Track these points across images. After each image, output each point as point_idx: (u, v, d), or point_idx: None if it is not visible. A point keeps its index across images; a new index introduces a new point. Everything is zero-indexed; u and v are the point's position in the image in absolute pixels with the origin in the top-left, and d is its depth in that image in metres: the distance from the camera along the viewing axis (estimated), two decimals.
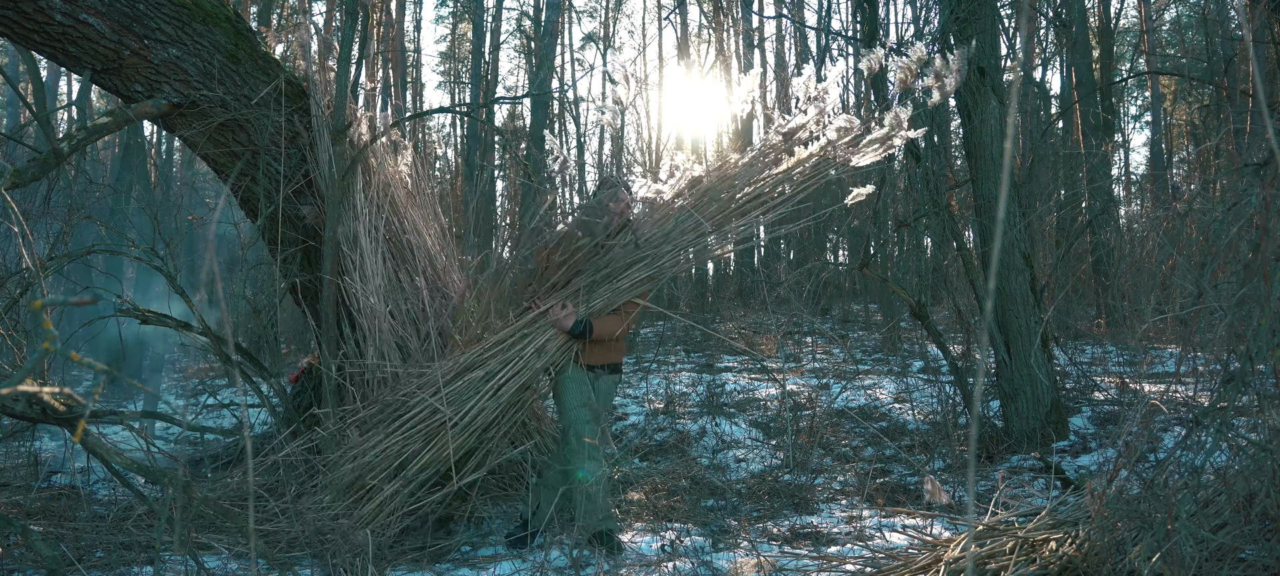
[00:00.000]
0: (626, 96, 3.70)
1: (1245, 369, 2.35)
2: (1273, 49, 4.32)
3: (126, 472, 2.62)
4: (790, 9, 14.88)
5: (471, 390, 3.43)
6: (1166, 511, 2.04)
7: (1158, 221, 8.56)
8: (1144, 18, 15.79)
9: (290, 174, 4.06)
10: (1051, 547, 2.36)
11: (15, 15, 3.45)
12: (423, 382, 3.50)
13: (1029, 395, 4.70)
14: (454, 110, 15.16)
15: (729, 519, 3.73)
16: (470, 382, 3.44)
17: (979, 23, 4.76)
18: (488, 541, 3.58)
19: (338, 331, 3.94)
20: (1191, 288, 2.78)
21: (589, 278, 3.49)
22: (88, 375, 7.92)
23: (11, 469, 4.23)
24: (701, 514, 3.83)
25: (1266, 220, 2.40)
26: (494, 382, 3.45)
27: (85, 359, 1.24)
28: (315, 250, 4.15)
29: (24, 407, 2.23)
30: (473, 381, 3.45)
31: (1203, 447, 2.42)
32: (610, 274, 3.51)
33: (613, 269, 3.51)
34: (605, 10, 17.92)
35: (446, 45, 20.33)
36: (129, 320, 4.10)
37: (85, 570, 2.82)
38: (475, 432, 3.43)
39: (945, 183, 6.61)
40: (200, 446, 4.92)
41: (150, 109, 3.77)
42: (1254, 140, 3.58)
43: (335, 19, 13.37)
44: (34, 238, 3.24)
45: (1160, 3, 15.97)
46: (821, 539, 3.43)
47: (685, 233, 3.55)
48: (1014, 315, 4.73)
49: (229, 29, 3.96)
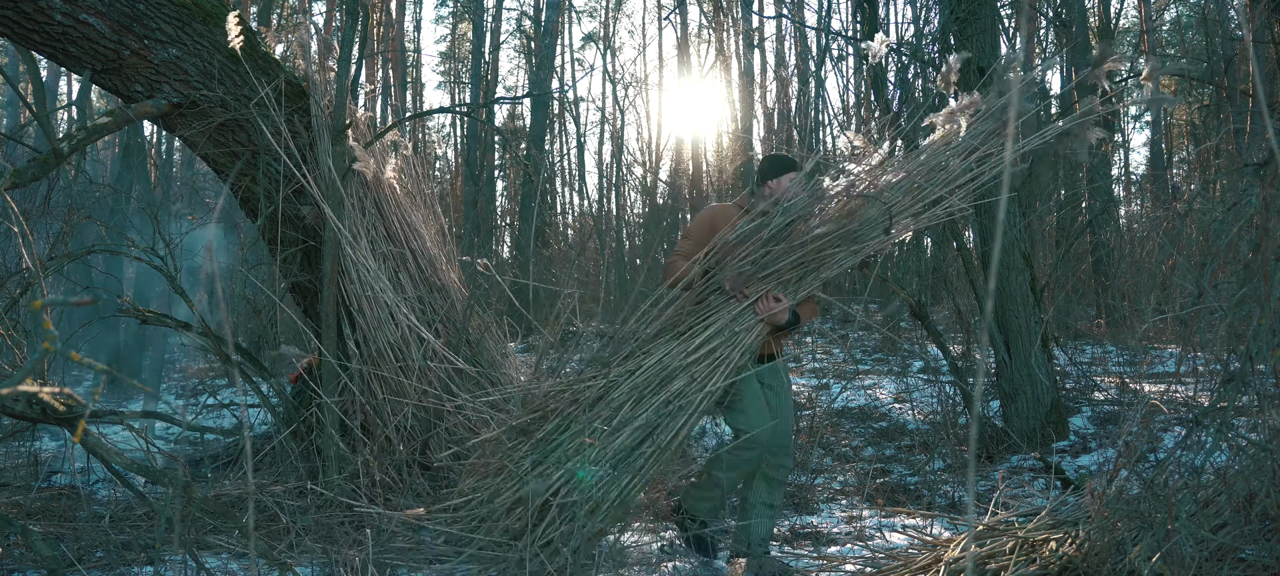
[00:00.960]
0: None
1: (1245, 369, 2.35)
2: (1273, 49, 4.32)
3: (126, 472, 2.62)
4: (790, 9, 14.87)
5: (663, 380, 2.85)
6: (1166, 511, 2.04)
7: (1158, 221, 8.56)
8: (1144, 18, 15.78)
9: (290, 174, 4.06)
10: (1051, 547, 2.36)
11: (15, 15, 3.45)
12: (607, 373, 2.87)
13: (1029, 395, 4.70)
14: (454, 110, 15.16)
15: (730, 519, 3.73)
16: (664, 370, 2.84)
17: (979, 23, 4.76)
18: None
19: (338, 331, 3.94)
20: (1191, 288, 2.78)
21: (796, 265, 2.94)
22: (88, 375, 7.92)
23: (11, 469, 4.23)
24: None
25: (1266, 220, 2.40)
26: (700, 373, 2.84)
27: (85, 359, 1.24)
28: (315, 250, 4.15)
29: (24, 407, 2.23)
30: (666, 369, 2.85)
31: (1203, 447, 2.42)
32: (813, 262, 2.98)
33: (816, 256, 2.98)
34: (605, 10, 17.92)
35: (446, 45, 20.33)
36: (128, 319, 4.10)
37: (85, 570, 2.82)
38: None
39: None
40: (200, 446, 4.92)
41: (150, 109, 3.77)
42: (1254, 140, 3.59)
43: (335, 19, 13.37)
44: (34, 238, 3.24)
45: (1160, 3, 15.96)
46: (821, 539, 3.43)
47: (876, 218, 3.00)
48: (1014, 315, 4.73)
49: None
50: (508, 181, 16.31)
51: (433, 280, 4.26)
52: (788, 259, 2.90)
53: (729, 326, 2.88)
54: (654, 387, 2.81)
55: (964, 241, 5.38)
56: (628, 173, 17.17)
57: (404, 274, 4.16)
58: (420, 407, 3.86)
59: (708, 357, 2.84)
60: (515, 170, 14.87)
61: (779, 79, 15.35)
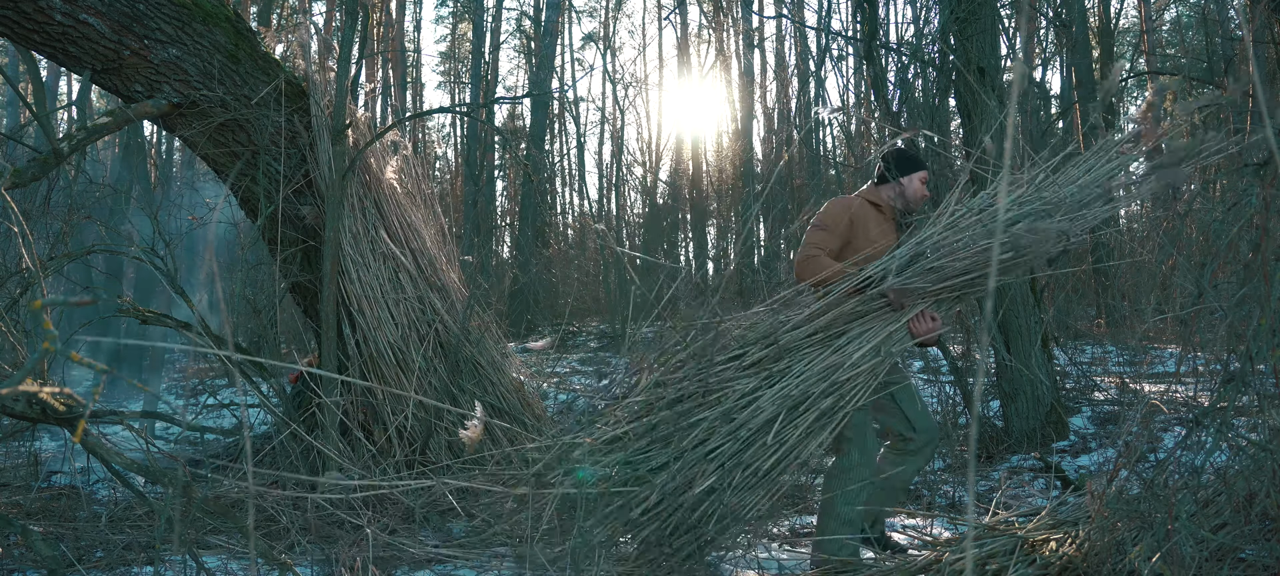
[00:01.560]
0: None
1: (1245, 369, 2.35)
2: (1273, 49, 4.32)
3: (126, 472, 2.62)
4: (790, 9, 14.87)
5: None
6: (1166, 511, 2.04)
7: (1158, 221, 8.55)
8: (1144, 18, 15.78)
9: (290, 174, 4.06)
10: (1051, 547, 2.36)
11: (15, 15, 3.45)
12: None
13: (1029, 395, 4.70)
14: (454, 111, 15.16)
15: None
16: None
17: (979, 23, 4.76)
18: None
19: (338, 331, 3.94)
20: (1191, 288, 2.78)
21: (964, 282, 2.61)
22: (88, 375, 7.92)
23: (11, 469, 4.23)
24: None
25: (1266, 220, 2.40)
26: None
27: (85, 359, 1.24)
28: (315, 250, 4.15)
29: (24, 407, 2.23)
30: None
31: (1203, 448, 2.42)
32: (979, 278, 2.61)
33: (983, 272, 2.60)
34: (605, 10, 17.92)
35: (446, 45, 20.33)
36: (125, 319, 4.10)
37: (85, 570, 2.82)
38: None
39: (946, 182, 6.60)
40: (200, 446, 4.92)
41: (150, 109, 3.77)
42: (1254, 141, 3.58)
43: (335, 19, 13.37)
44: (34, 238, 3.24)
45: (1160, 3, 15.96)
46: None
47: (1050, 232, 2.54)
48: (1014, 315, 4.73)
49: (229, 29, 3.95)
50: (508, 181, 16.30)
51: (433, 280, 4.26)
52: (958, 276, 2.55)
53: (884, 343, 2.57)
54: (793, 401, 2.49)
55: None
56: (628, 173, 17.18)
57: (404, 274, 4.16)
58: (420, 408, 3.86)
59: (861, 374, 2.54)
60: (515, 170, 14.86)
61: (779, 79, 15.35)
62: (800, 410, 2.47)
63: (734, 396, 2.51)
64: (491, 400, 4.15)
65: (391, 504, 3.48)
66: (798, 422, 2.47)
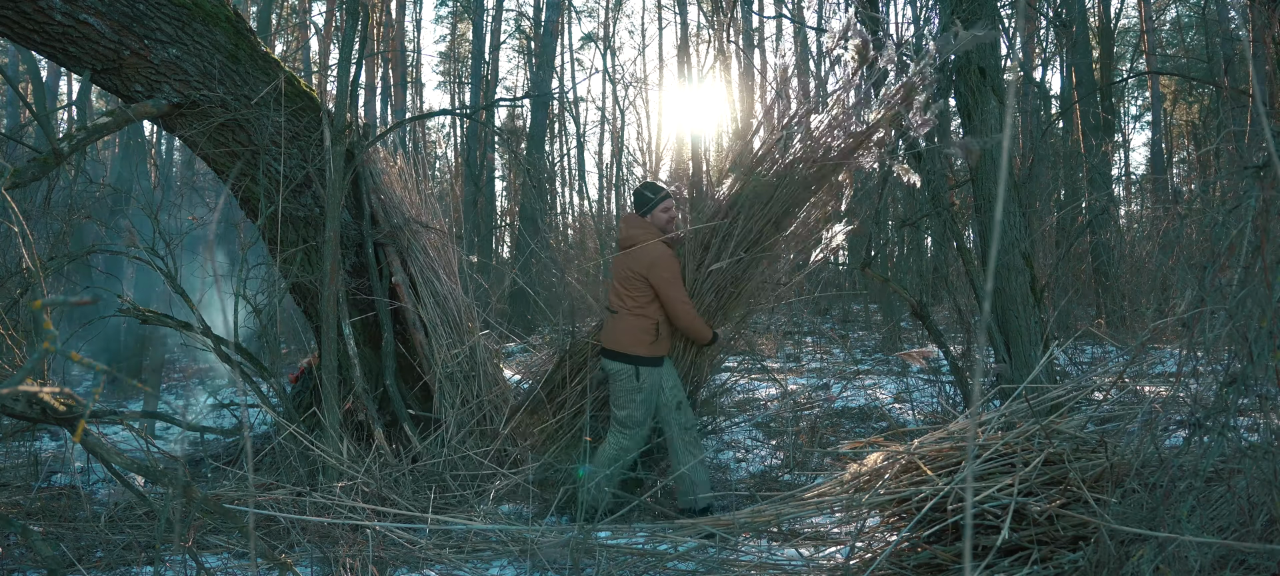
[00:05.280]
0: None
1: (1246, 370, 2.35)
2: (1273, 49, 4.32)
3: (126, 472, 2.62)
4: (790, 9, 14.87)
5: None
6: (1167, 512, 2.04)
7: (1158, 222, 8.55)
8: (1144, 18, 15.78)
9: (290, 174, 4.05)
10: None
11: (15, 15, 3.45)
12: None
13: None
14: (453, 112, 15.16)
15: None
16: None
17: (980, 23, 4.76)
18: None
19: (337, 331, 3.94)
20: (1192, 289, 2.78)
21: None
22: (88, 375, 7.91)
23: (11, 469, 4.23)
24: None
25: (1267, 222, 2.40)
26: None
27: (85, 359, 1.24)
28: (316, 250, 4.15)
29: (24, 407, 2.23)
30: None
31: (1203, 448, 2.41)
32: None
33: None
34: (605, 10, 17.92)
35: (446, 45, 20.33)
36: (126, 319, 4.10)
37: (85, 570, 2.82)
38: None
39: (945, 182, 6.61)
40: (200, 446, 4.92)
41: (150, 109, 3.77)
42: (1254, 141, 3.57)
43: (335, 19, 13.37)
44: (34, 238, 3.23)
45: (1160, 3, 15.97)
46: (822, 539, 3.43)
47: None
48: (1014, 315, 4.73)
49: (229, 29, 3.95)
50: (508, 181, 16.31)
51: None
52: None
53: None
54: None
55: (964, 241, 5.37)
56: (628, 173, 17.18)
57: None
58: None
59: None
60: (515, 170, 14.86)
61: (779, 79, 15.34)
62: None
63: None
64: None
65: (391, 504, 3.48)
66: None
